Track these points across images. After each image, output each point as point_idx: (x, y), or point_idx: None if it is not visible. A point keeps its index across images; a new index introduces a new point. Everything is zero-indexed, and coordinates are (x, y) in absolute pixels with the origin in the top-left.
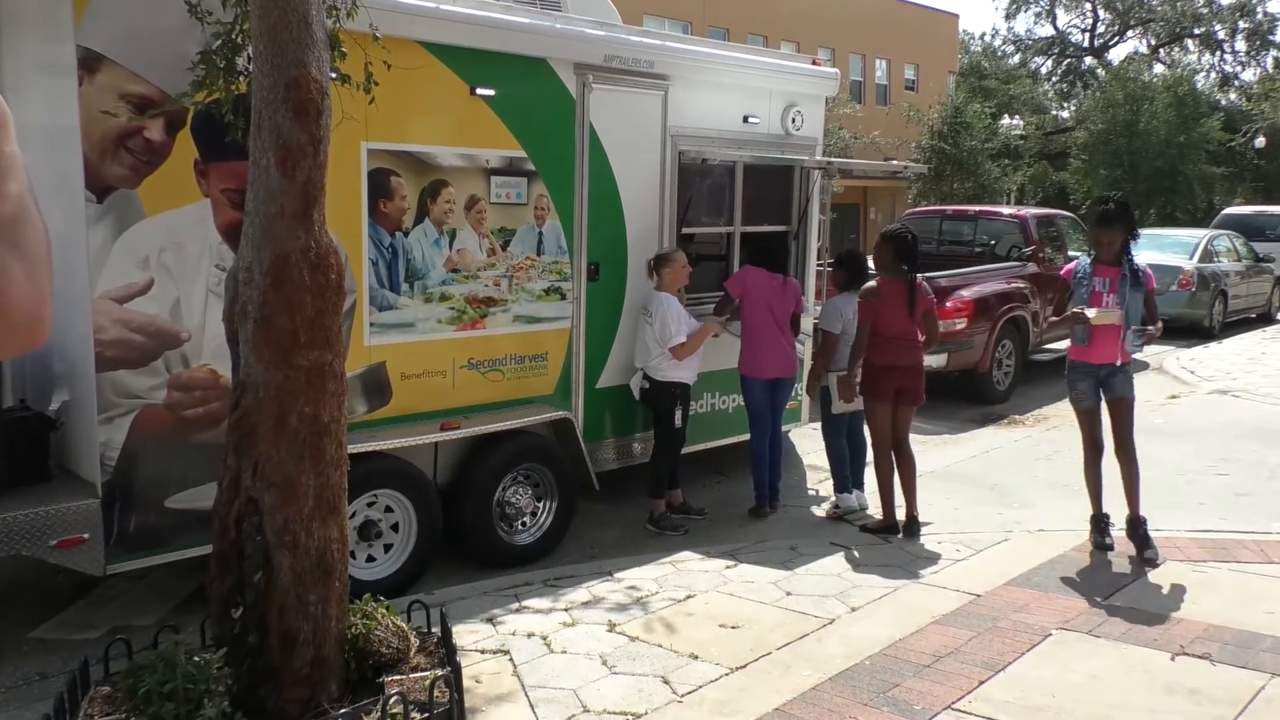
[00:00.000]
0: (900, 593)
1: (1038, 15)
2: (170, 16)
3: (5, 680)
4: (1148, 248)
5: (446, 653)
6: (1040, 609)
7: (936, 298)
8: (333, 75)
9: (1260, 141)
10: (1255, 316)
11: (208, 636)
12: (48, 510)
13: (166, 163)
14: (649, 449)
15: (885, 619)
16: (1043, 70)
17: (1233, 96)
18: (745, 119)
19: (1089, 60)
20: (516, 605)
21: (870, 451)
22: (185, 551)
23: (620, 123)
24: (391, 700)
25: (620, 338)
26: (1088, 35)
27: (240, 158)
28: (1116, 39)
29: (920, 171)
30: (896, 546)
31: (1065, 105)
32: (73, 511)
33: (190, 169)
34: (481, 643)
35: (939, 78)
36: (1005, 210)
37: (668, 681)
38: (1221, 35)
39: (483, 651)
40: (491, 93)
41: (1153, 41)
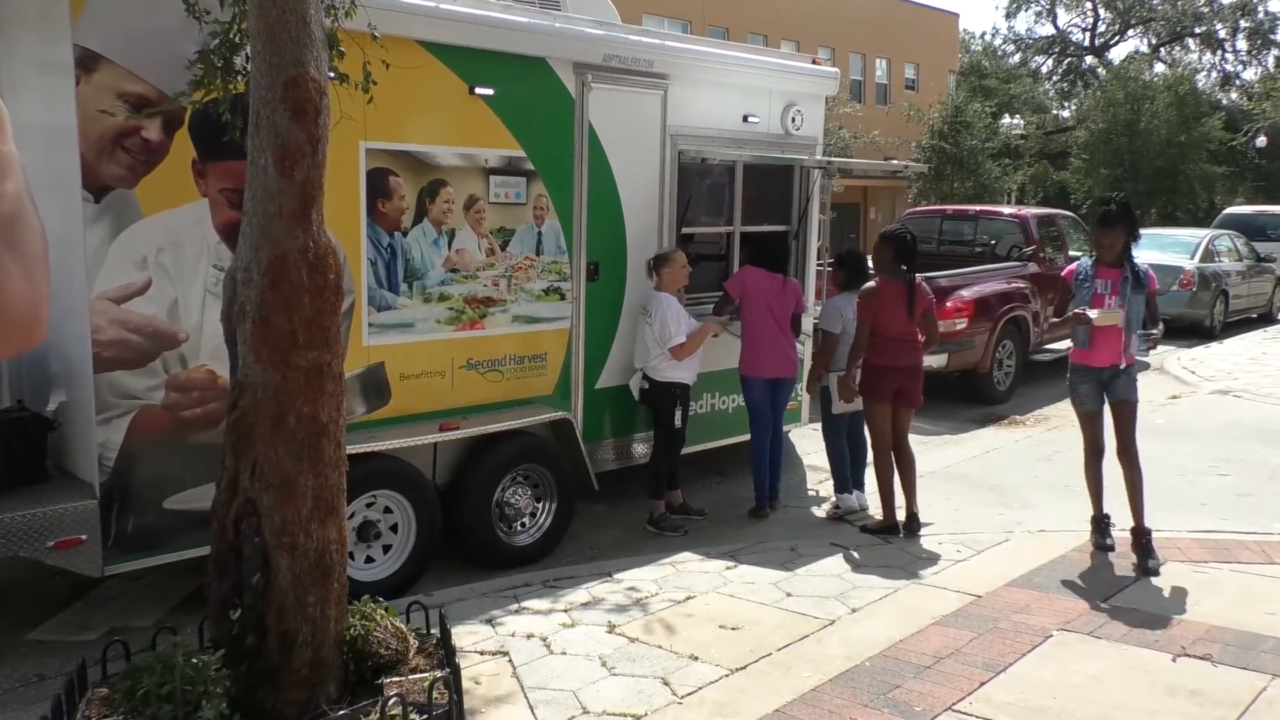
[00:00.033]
0: (901, 594)
1: (1038, 14)
2: (168, 15)
3: (3, 682)
4: (1148, 247)
5: (445, 654)
6: (1041, 610)
7: (937, 298)
8: (331, 75)
9: (1261, 141)
10: (1256, 316)
11: (206, 638)
12: (45, 511)
13: (164, 162)
14: (649, 450)
15: (886, 620)
16: (1043, 69)
17: (1234, 96)
18: (745, 118)
19: (1089, 59)
20: (516, 606)
21: (870, 452)
22: (183, 553)
23: (620, 122)
24: (390, 702)
25: (620, 338)
26: (1088, 34)
27: (238, 157)
28: (1117, 38)
29: (920, 171)
30: (897, 547)
31: (1066, 104)
32: (70, 512)
33: (188, 169)
34: (481, 644)
35: (939, 77)
36: (1006, 210)
37: (667, 683)
38: (1222, 34)
39: (482, 653)
40: (490, 92)
41: (1153, 41)
